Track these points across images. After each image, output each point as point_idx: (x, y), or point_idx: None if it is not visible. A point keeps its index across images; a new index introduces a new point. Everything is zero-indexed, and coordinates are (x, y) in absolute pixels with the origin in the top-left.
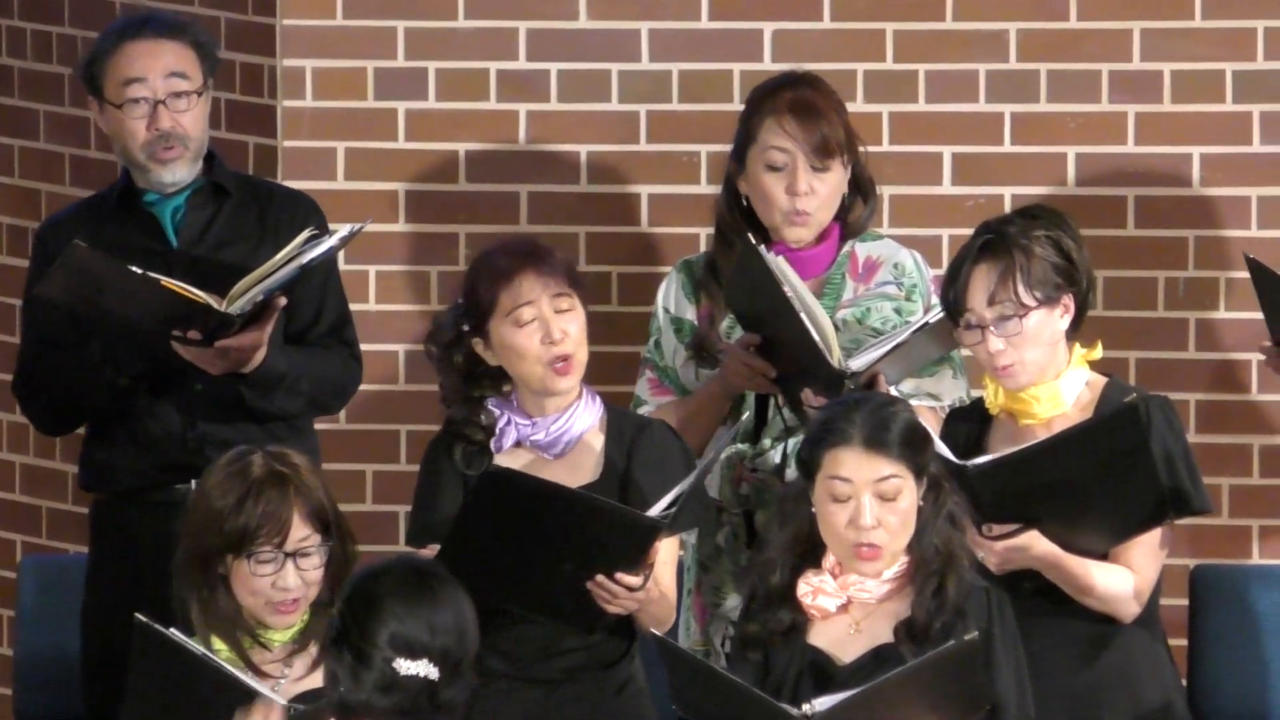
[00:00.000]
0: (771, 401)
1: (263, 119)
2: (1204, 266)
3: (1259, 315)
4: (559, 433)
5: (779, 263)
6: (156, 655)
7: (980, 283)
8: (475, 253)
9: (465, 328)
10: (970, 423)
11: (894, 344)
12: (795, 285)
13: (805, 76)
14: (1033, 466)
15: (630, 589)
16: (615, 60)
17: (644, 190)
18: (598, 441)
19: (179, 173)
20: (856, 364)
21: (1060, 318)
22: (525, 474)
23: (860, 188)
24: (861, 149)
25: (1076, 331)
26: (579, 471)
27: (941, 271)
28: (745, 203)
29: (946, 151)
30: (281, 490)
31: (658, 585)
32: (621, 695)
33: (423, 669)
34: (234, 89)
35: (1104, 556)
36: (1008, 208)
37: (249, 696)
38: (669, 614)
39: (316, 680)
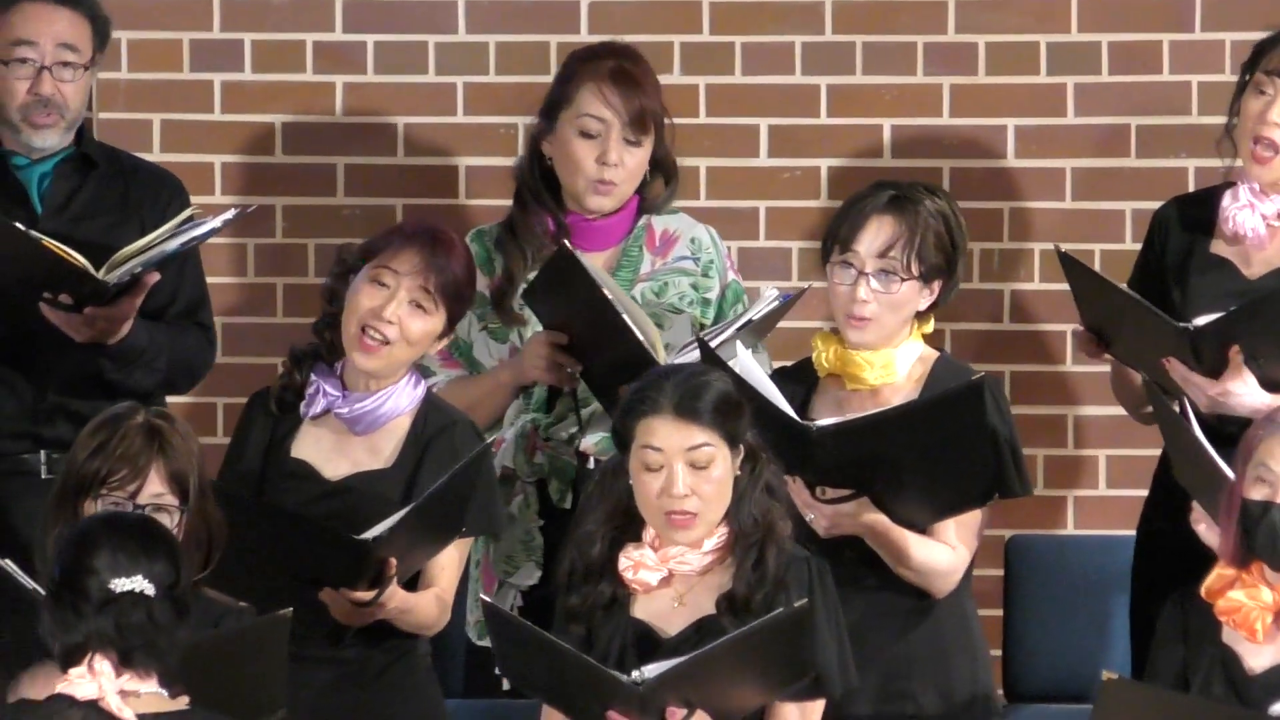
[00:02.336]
0: (564, 397)
1: None
2: (1018, 238)
3: None
4: (362, 412)
5: (596, 266)
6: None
7: (877, 231)
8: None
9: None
10: (795, 383)
11: (719, 342)
12: (613, 288)
13: (625, 48)
14: (875, 434)
15: (360, 603)
16: (432, 32)
17: (461, 162)
18: (402, 428)
19: (50, 139)
20: (683, 362)
21: (924, 297)
22: (245, 494)
23: (663, 167)
24: (669, 124)
25: (925, 316)
26: (375, 455)
27: (758, 245)
28: (548, 162)
29: (763, 123)
30: (146, 442)
31: (406, 599)
32: (392, 671)
33: (138, 584)
34: None
35: (924, 530)
36: (824, 180)
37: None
38: (432, 620)
39: None
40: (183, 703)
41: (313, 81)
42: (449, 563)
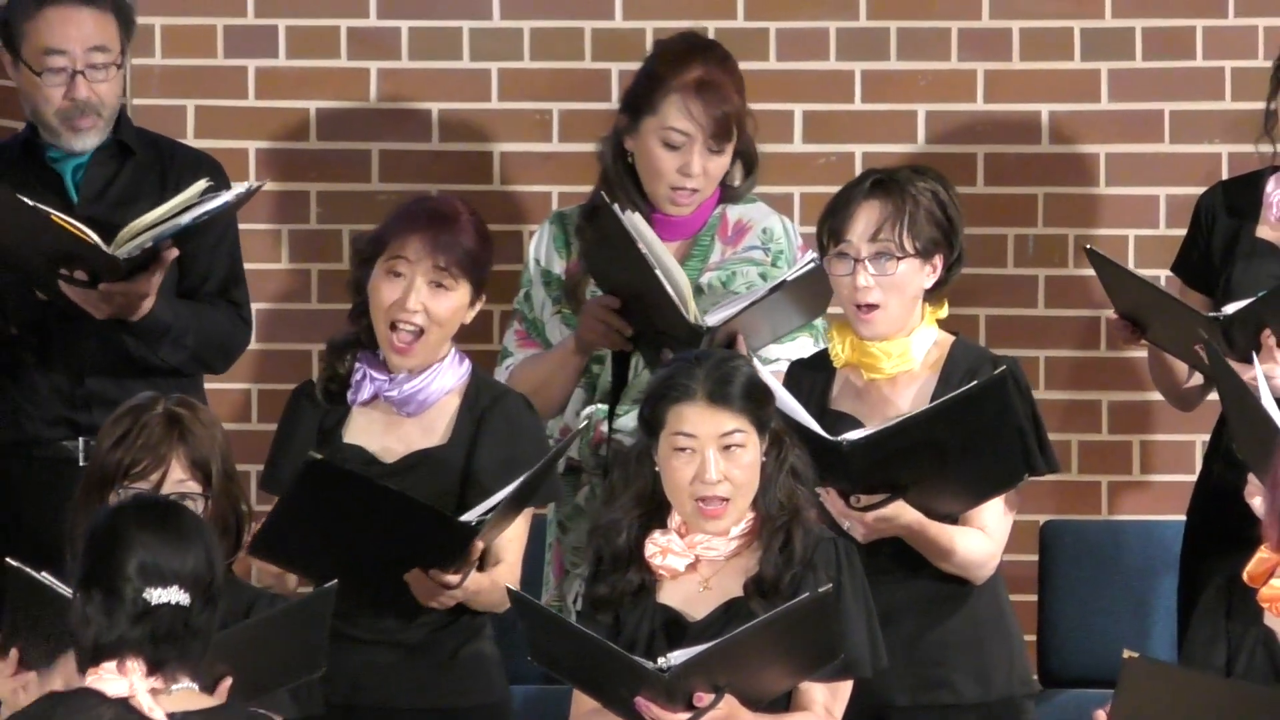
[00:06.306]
0: (633, 362)
1: None
2: (1053, 224)
3: None
4: (413, 392)
5: (634, 220)
6: (26, 600)
7: (866, 217)
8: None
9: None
10: (814, 373)
11: (751, 301)
12: (650, 242)
13: (711, 48)
14: (906, 438)
15: (446, 586)
16: (466, 17)
17: (495, 148)
18: (452, 405)
19: (90, 141)
20: (713, 319)
21: (927, 275)
22: (345, 469)
23: (744, 158)
24: (751, 123)
25: (935, 296)
26: (429, 434)
27: (807, 231)
28: (630, 160)
29: (797, 109)
30: (166, 430)
31: (480, 580)
32: (460, 653)
33: (174, 595)
34: None
35: (956, 519)
36: (858, 165)
37: None
38: (502, 601)
39: None
40: (210, 699)
41: (347, 67)
42: (516, 535)
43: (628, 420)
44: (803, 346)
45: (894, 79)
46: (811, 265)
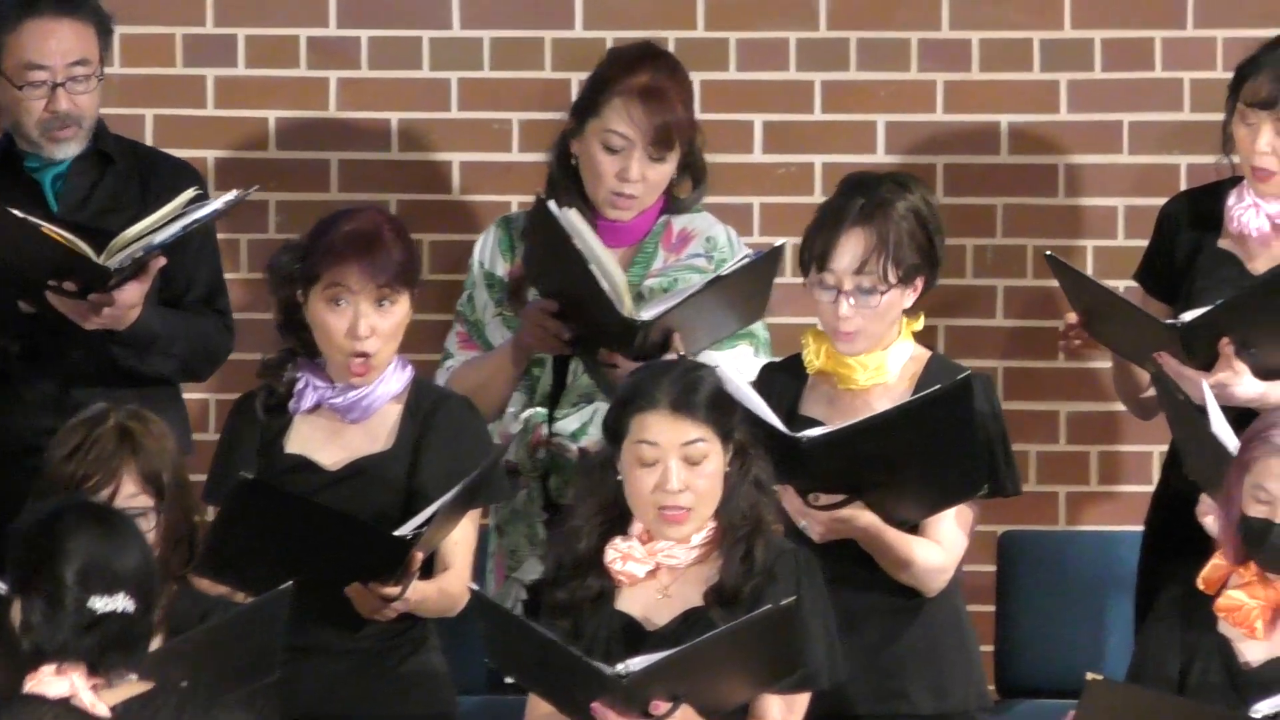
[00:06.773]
0: (571, 366)
1: None
2: (1011, 235)
3: None
4: (357, 398)
5: (568, 216)
6: None
7: (852, 248)
8: (319, 217)
9: (297, 270)
10: (786, 378)
11: (686, 295)
12: (586, 238)
13: (661, 56)
14: (866, 439)
15: (387, 599)
16: (426, 27)
17: (455, 158)
18: (395, 411)
19: (70, 150)
20: (648, 314)
21: (908, 297)
22: (277, 486)
23: (692, 170)
24: (700, 136)
25: (911, 309)
26: (372, 440)
27: (752, 240)
28: (574, 162)
29: (757, 120)
30: (118, 445)
31: (425, 589)
32: (406, 663)
33: (119, 603)
34: None
35: (914, 528)
36: (818, 176)
37: None
38: (451, 606)
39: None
40: (147, 684)
41: (306, 77)
42: (463, 538)
43: (566, 424)
44: (741, 354)
45: (854, 89)
46: (746, 259)
